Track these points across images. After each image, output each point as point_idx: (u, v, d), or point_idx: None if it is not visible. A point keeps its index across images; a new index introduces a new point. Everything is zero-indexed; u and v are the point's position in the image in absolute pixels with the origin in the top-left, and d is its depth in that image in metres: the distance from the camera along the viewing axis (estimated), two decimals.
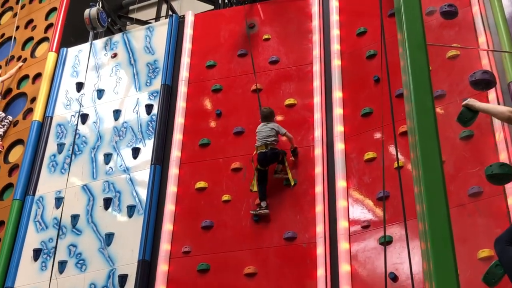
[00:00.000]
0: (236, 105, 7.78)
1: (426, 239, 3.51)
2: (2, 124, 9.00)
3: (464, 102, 4.27)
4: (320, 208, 6.70)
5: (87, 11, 8.88)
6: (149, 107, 8.16)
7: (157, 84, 8.31)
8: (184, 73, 8.21)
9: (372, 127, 6.91)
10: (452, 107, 6.52)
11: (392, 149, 6.76)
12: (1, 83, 9.47)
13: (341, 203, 6.65)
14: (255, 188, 6.84)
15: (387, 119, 6.82)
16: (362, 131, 6.94)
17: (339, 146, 7.02)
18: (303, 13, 8.27)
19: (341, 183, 6.77)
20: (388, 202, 6.44)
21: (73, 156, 8.12)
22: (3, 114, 9.11)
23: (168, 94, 8.16)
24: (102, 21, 8.88)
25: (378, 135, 6.87)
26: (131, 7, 11.34)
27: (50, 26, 10.03)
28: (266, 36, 8.19)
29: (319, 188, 6.84)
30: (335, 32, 7.83)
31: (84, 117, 8.53)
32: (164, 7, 10.10)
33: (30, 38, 10.18)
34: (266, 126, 7.01)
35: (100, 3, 9.00)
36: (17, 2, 10.85)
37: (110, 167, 7.90)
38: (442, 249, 3.36)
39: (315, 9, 8.14)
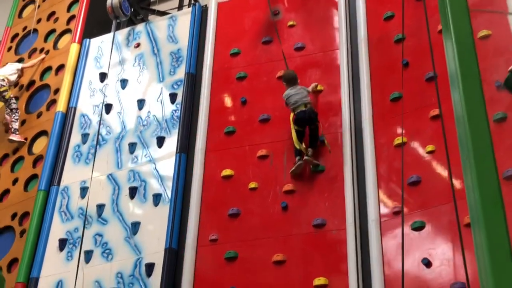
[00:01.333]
0: (262, 93, 7.69)
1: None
2: (15, 118, 8.94)
3: (511, 67, 4.13)
4: (349, 194, 6.58)
5: (109, 0, 8.82)
6: (173, 96, 8.10)
7: (181, 73, 8.25)
8: (208, 61, 8.14)
9: (400, 112, 6.74)
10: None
11: (422, 134, 6.63)
12: (21, 70, 9.41)
13: (370, 189, 6.52)
14: (299, 146, 6.74)
15: (416, 103, 6.75)
16: (391, 115, 6.79)
17: (368, 131, 6.90)
18: (328, 0, 8.15)
19: (370, 168, 6.65)
20: (419, 188, 6.33)
21: (97, 146, 8.07)
22: (14, 106, 9.04)
23: (192, 82, 8.09)
24: (125, 10, 8.83)
25: (408, 120, 6.72)
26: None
27: (72, 18, 10.01)
28: (291, 23, 8.09)
29: (348, 174, 6.72)
30: (361, 17, 7.71)
31: (108, 107, 8.49)
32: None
33: (53, 30, 10.16)
34: (297, 88, 6.98)
35: None
36: None
37: (135, 156, 7.84)
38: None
39: None
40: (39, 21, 10.40)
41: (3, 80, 9.05)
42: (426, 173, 6.37)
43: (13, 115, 8.97)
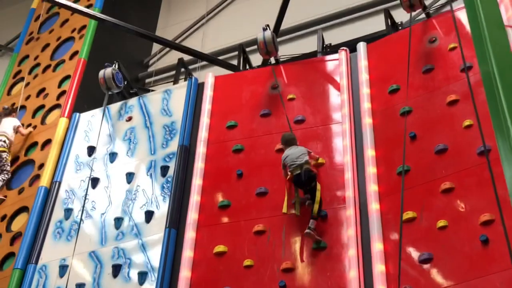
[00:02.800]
0: (259, 165, 7.32)
1: None
2: (2, 178, 8.50)
3: None
4: (354, 273, 6.05)
5: (102, 71, 8.62)
6: (164, 169, 7.73)
7: (174, 145, 7.93)
8: (203, 133, 7.84)
9: (409, 186, 6.36)
10: None
11: (432, 209, 6.20)
12: (17, 130, 9.08)
13: (378, 268, 6.01)
14: (286, 209, 6.51)
15: (426, 176, 6.38)
16: (399, 190, 6.36)
17: (373, 206, 6.47)
18: (329, 73, 7.98)
19: (377, 245, 6.17)
20: (431, 265, 5.87)
21: (81, 222, 7.57)
22: (8, 168, 8.64)
23: (186, 155, 7.77)
24: (117, 81, 8.59)
25: (417, 194, 6.33)
26: (147, 80, 11.17)
27: (63, 93, 9.77)
28: (290, 96, 7.85)
29: (352, 252, 6.22)
30: (365, 91, 7.49)
31: (94, 181, 8.07)
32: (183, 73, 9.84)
33: (41, 106, 9.89)
34: (295, 148, 6.73)
35: (117, 64, 8.71)
36: (30, 72, 10.64)
37: (120, 232, 7.34)
38: None
39: (342, 68, 7.82)
40: (28, 97, 10.15)
41: (4, 141, 8.72)
42: (439, 250, 5.88)
43: (2, 175, 8.50)
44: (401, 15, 8.93)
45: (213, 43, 10.74)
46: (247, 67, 9.29)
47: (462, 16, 7.45)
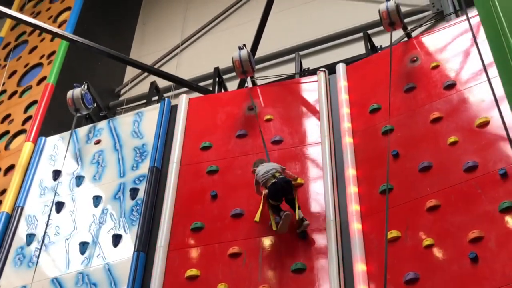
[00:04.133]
0: (235, 187, 7.07)
1: None
2: None
3: None
4: None
5: (70, 92, 8.37)
6: (134, 191, 7.45)
7: (144, 167, 7.66)
8: (176, 155, 7.58)
9: (393, 204, 6.14)
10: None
11: (418, 227, 5.97)
12: None
13: None
14: (258, 218, 6.24)
15: (411, 195, 6.20)
16: (382, 209, 6.13)
17: (355, 227, 6.24)
18: (308, 94, 7.84)
19: (360, 266, 5.92)
20: (417, 286, 5.59)
21: (43, 247, 7.19)
22: None
23: (157, 177, 7.49)
24: (87, 102, 8.34)
25: (401, 213, 6.11)
26: (118, 109, 10.94)
27: (29, 118, 9.47)
28: (268, 117, 7.68)
29: (334, 274, 5.94)
30: (344, 110, 7.34)
31: (59, 206, 7.74)
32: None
33: (6, 132, 9.57)
34: (266, 163, 6.56)
35: (86, 85, 8.47)
36: None
37: (85, 257, 6.98)
38: None
39: (321, 89, 7.68)
40: None
41: None
42: (425, 269, 5.64)
43: None
44: (380, 40, 8.89)
45: (188, 72, 10.56)
46: (223, 91, 9.08)
47: (444, 35, 7.43)
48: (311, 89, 7.83)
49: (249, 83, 8.43)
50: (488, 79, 5.65)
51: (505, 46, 4.16)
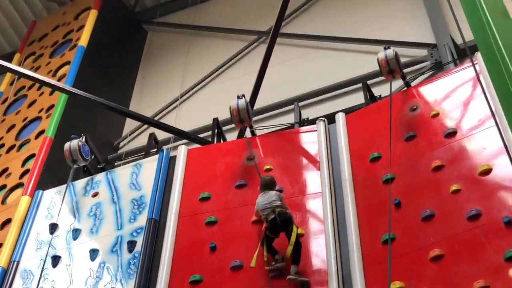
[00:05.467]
0: (234, 238, 6.98)
1: None
2: None
3: None
4: None
5: (67, 144, 8.34)
6: (131, 244, 7.36)
7: (142, 219, 7.59)
8: (174, 206, 7.52)
9: (396, 254, 6.04)
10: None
11: (422, 277, 5.85)
12: None
13: None
14: (254, 264, 6.29)
15: (414, 244, 6.09)
16: (384, 259, 6.02)
17: (358, 278, 6.11)
18: (307, 144, 7.82)
19: None
20: None
21: None
22: None
23: (155, 229, 7.42)
24: (84, 154, 8.30)
25: (404, 263, 5.99)
26: (117, 162, 10.90)
27: (26, 172, 9.43)
28: (267, 167, 7.62)
29: None
30: (344, 160, 7.30)
31: (55, 260, 7.62)
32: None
33: (3, 186, 9.52)
34: (267, 194, 6.67)
35: (84, 137, 8.45)
36: None
37: None
38: None
39: (321, 138, 7.66)
40: None
41: None
42: None
43: None
44: (379, 90, 8.91)
45: (187, 123, 10.58)
46: (222, 141, 9.07)
47: (443, 84, 7.44)
48: (311, 139, 7.81)
49: (248, 134, 8.39)
50: (496, 124, 5.60)
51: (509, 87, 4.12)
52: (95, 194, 8.25)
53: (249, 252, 6.63)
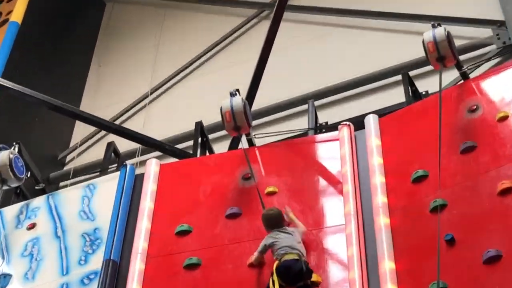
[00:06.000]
0: (224, 287, 7.08)
1: None
2: None
3: None
4: None
5: None
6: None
7: (96, 261, 7.70)
8: (140, 243, 7.63)
9: None
10: None
11: None
12: None
13: None
14: None
15: None
16: None
17: None
18: (326, 157, 7.94)
19: None
20: None
21: None
22: None
23: (114, 274, 7.52)
24: (17, 171, 8.35)
25: None
26: (62, 183, 10.96)
27: None
28: (270, 189, 7.72)
29: None
30: (377, 179, 7.38)
31: None
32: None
33: None
34: (285, 230, 6.93)
35: (16, 146, 8.52)
36: None
37: None
38: None
39: (344, 150, 7.75)
40: None
41: None
42: None
43: None
44: (425, 84, 8.99)
45: (159, 130, 10.68)
46: (207, 154, 9.17)
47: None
48: (331, 151, 7.90)
49: (244, 144, 8.48)
50: None
51: None
52: (32, 226, 8.36)
53: None
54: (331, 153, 7.87)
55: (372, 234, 7.01)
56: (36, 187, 9.13)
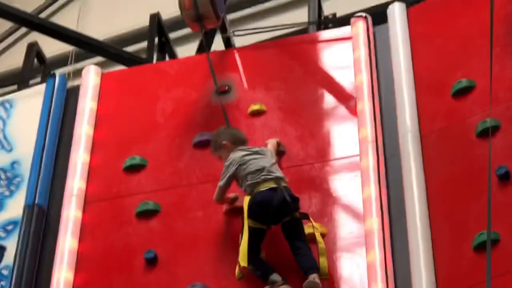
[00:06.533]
0: (191, 242, 7.24)
1: None
2: None
3: None
4: None
5: None
6: None
7: (16, 207, 7.88)
8: (76, 183, 7.76)
9: (500, 271, 6.18)
10: None
11: None
12: None
13: None
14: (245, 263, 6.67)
15: None
16: (478, 280, 6.20)
17: None
18: (333, 62, 8.08)
19: None
20: None
21: None
22: None
23: (39, 224, 7.69)
24: None
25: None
26: None
27: None
28: (255, 107, 7.86)
29: None
30: (404, 93, 7.50)
31: None
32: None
33: None
34: (257, 151, 7.12)
35: None
36: None
37: None
38: None
39: (360, 53, 7.88)
40: None
41: None
42: None
43: None
44: None
45: (100, 26, 10.69)
46: (168, 59, 9.23)
47: None
48: (341, 54, 8.02)
49: (219, 45, 8.50)
50: None
51: None
52: None
53: (218, 268, 6.99)
54: (341, 56, 7.98)
55: (397, 168, 7.13)
56: None
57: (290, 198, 6.80)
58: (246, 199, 6.88)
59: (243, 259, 6.66)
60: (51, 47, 10.12)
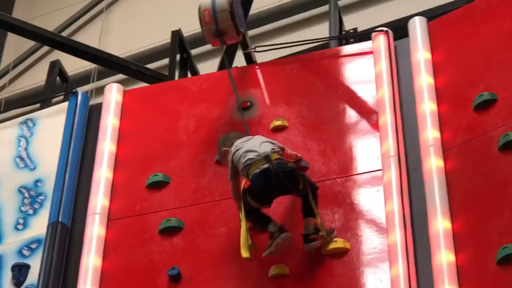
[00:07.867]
0: (214, 259, 7.26)
1: None
2: None
3: None
4: None
5: None
6: (20, 271, 7.69)
7: (39, 225, 7.88)
8: (99, 201, 7.77)
9: None
10: None
11: None
12: None
13: None
14: (247, 254, 6.71)
15: None
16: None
17: None
18: (355, 76, 8.07)
19: None
20: None
21: None
22: None
23: (63, 242, 7.69)
24: None
25: None
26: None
27: None
28: (277, 123, 7.86)
29: None
30: (426, 107, 7.47)
31: None
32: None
33: None
34: (251, 137, 7.18)
35: None
36: None
37: None
38: None
39: (381, 66, 7.85)
40: None
41: None
42: None
43: None
44: None
45: (122, 44, 10.68)
46: (189, 75, 9.20)
47: None
48: (362, 68, 8.01)
49: (240, 61, 8.51)
50: None
51: None
52: None
53: (242, 286, 7.00)
54: (362, 71, 7.97)
55: (420, 183, 7.11)
56: None
57: (290, 170, 6.82)
58: (243, 183, 6.94)
59: (244, 251, 6.68)
60: (73, 65, 10.17)
